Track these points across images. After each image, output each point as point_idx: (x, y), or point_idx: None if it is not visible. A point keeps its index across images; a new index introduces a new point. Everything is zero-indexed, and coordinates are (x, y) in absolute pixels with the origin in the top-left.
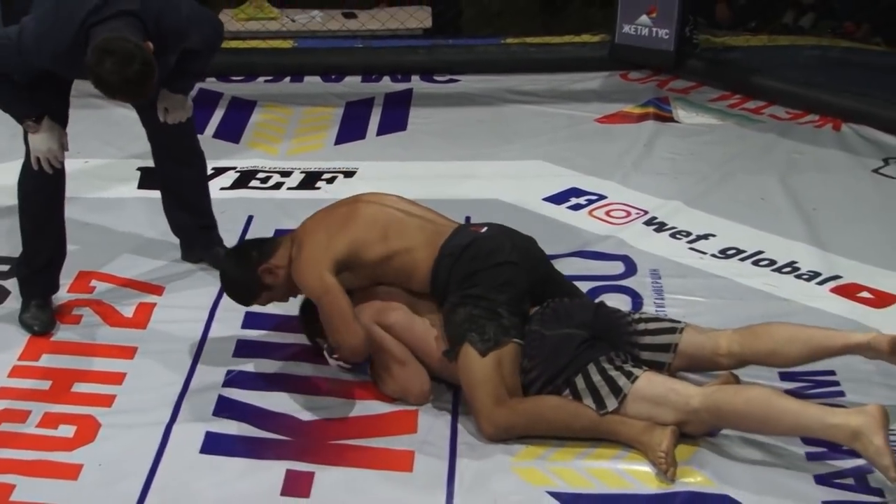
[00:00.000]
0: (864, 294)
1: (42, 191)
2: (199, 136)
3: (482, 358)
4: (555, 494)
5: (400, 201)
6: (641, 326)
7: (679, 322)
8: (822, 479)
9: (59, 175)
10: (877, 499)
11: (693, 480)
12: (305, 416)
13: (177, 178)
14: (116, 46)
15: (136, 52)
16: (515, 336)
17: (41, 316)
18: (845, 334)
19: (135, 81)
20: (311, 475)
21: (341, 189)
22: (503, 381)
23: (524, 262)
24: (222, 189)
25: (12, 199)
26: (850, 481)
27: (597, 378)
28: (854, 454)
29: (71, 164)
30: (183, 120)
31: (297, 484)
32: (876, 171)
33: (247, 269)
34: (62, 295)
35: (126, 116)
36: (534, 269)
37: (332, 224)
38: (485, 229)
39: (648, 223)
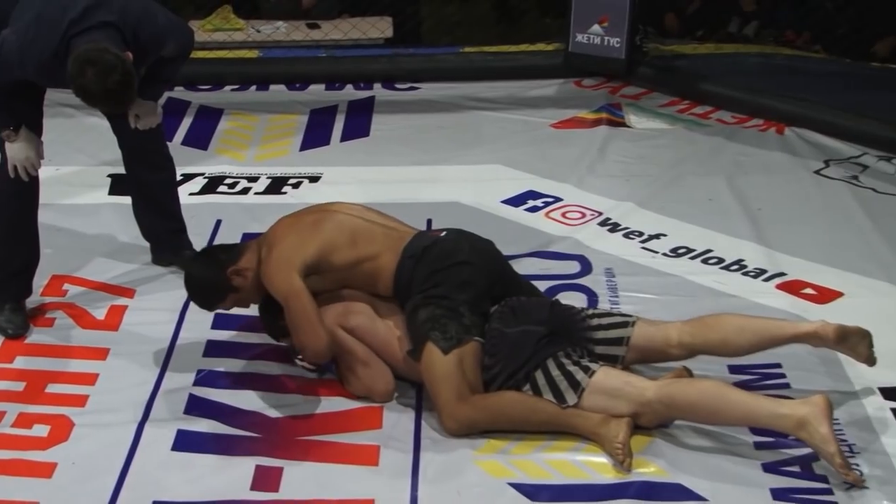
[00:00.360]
0: (808, 290)
1: (18, 197)
2: (167, 143)
3: (444, 356)
4: (516, 486)
5: (364, 210)
6: (595, 322)
7: (630, 316)
8: (769, 467)
9: (34, 182)
10: (821, 485)
11: (647, 470)
12: (274, 413)
13: (147, 182)
14: (97, 57)
15: (116, 63)
16: (477, 335)
17: (15, 319)
18: (793, 324)
19: (116, 91)
20: (279, 470)
21: (307, 194)
22: (465, 378)
23: (483, 263)
24: (191, 194)
25: None
26: (796, 468)
27: (556, 373)
28: (799, 443)
29: (42, 172)
30: (153, 126)
31: (266, 479)
32: (817, 172)
33: (215, 272)
34: (35, 298)
35: (96, 125)
36: (492, 269)
37: (303, 229)
38: (444, 233)
39: (603, 224)
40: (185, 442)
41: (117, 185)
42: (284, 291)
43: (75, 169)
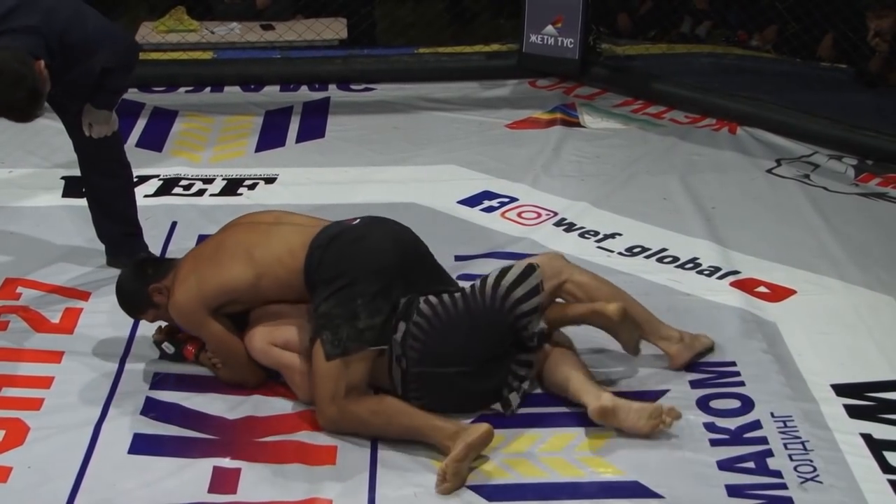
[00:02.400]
0: (762, 289)
1: None
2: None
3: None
4: (473, 487)
5: (282, 215)
6: (513, 296)
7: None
8: (724, 464)
9: None
10: (775, 480)
11: (604, 470)
12: (230, 414)
13: (101, 187)
14: (4, 67)
15: (25, 75)
16: (370, 339)
17: None
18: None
19: (19, 108)
20: (237, 472)
21: (262, 195)
22: (345, 379)
23: (395, 249)
24: (146, 196)
25: None
26: (750, 465)
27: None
28: (753, 441)
29: None
30: (108, 134)
31: (224, 481)
32: (769, 171)
33: (138, 284)
34: None
35: (48, 126)
36: (405, 254)
37: (202, 265)
38: (357, 221)
39: (558, 224)
40: (142, 445)
41: (71, 188)
42: (201, 335)
43: (28, 171)
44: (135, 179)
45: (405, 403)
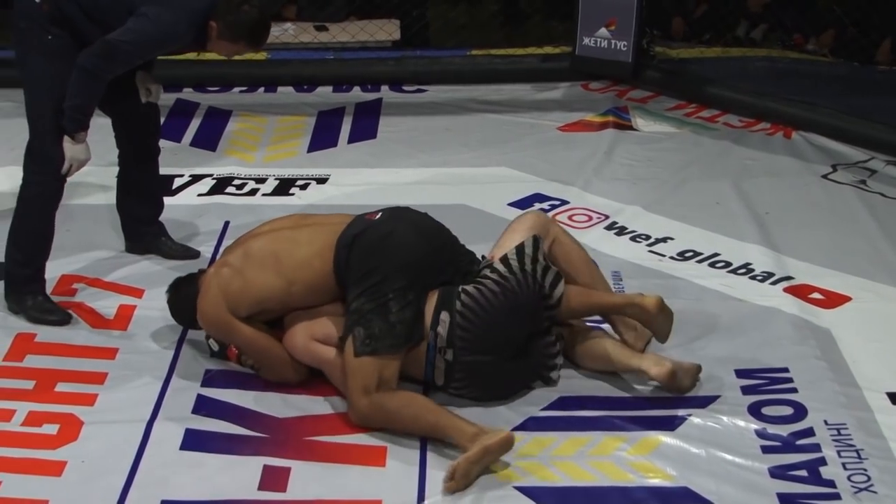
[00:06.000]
0: (816, 295)
1: (57, 194)
2: (176, 144)
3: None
4: (521, 489)
5: (300, 218)
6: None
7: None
8: (776, 472)
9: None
10: (829, 489)
11: (653, 475)
12: (281, 413)
13: (144, 173)
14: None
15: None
16: (400, 334)
17: (55, 307)
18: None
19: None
20: (287, 470)
21: (314, 195)
22: (377, 373)
23: (420, 241)
24: (199, 195)
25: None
26: (803, 473)
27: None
28: (807, 448)
29: None
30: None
31: (274, 479)
32: (825, 176)
33: (184, 299)
34: None
35: (102, 126)
36: (430, 245)
37: (228, 275)
38: (379, 215)
39: (609, 227)
40: (194, 441)
41: None
42: (233, 341)
43: (84, 169)
44: (188, 178)
45: (432, 401)
